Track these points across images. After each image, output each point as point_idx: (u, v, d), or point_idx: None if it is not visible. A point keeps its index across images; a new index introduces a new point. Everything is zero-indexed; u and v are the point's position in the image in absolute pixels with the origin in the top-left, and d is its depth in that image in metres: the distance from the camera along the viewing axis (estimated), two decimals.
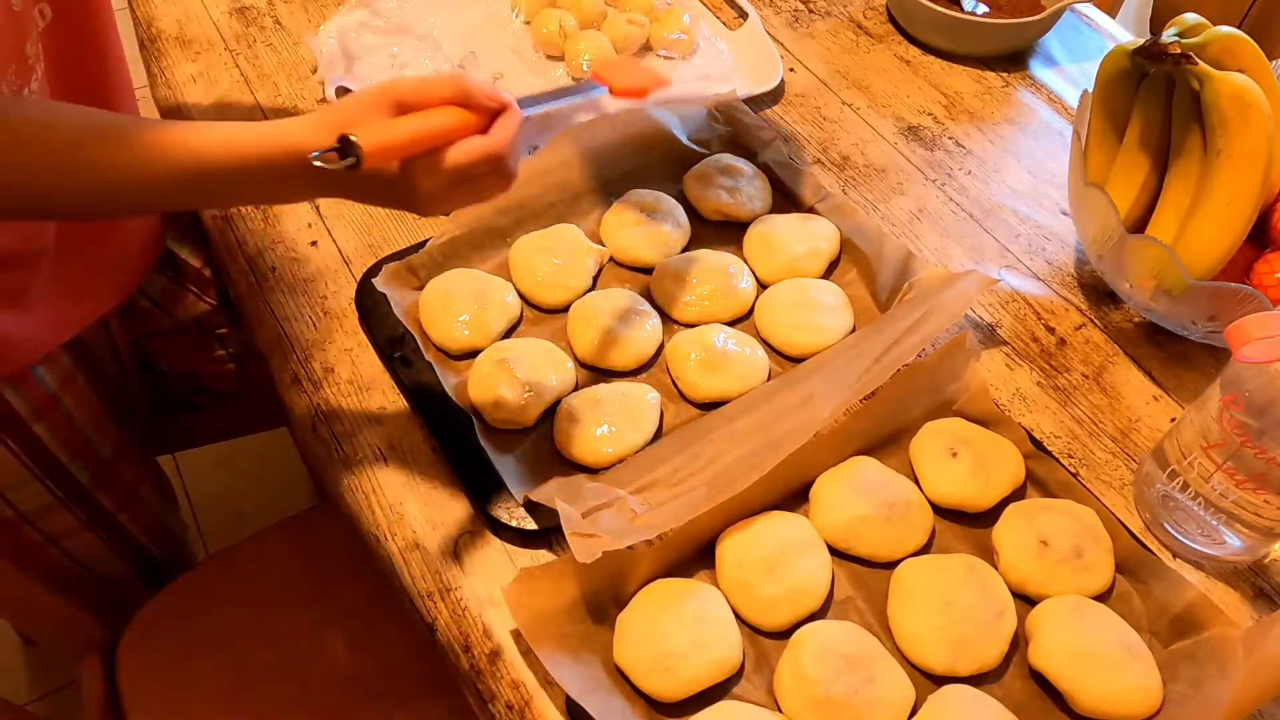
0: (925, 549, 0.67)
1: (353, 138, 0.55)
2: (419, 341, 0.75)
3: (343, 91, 0.94)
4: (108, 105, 0.80)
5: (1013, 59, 1.05)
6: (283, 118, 0.60)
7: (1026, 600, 0.65)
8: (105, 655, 0.92)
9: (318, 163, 0.55)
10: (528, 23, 1.03)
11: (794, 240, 0.82)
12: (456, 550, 0.67)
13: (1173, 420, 0.75)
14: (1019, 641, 0.63)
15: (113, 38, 0.81)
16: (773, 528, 0.66)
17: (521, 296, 0.79)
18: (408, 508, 0.68)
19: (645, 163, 0.88)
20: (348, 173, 0.56)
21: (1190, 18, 0.76)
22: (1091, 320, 0.82)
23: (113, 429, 0.92)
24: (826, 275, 0.82)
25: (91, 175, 0.57)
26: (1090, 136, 0.81)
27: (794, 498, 0.69)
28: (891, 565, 0.66)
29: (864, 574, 0.66)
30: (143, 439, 1.01)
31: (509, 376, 0.71)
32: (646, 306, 0.78)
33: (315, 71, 0.95)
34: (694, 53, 1.02)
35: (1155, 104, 0.76)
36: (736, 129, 0.91)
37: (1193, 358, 0.80)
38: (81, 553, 0.94)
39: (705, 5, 1.08)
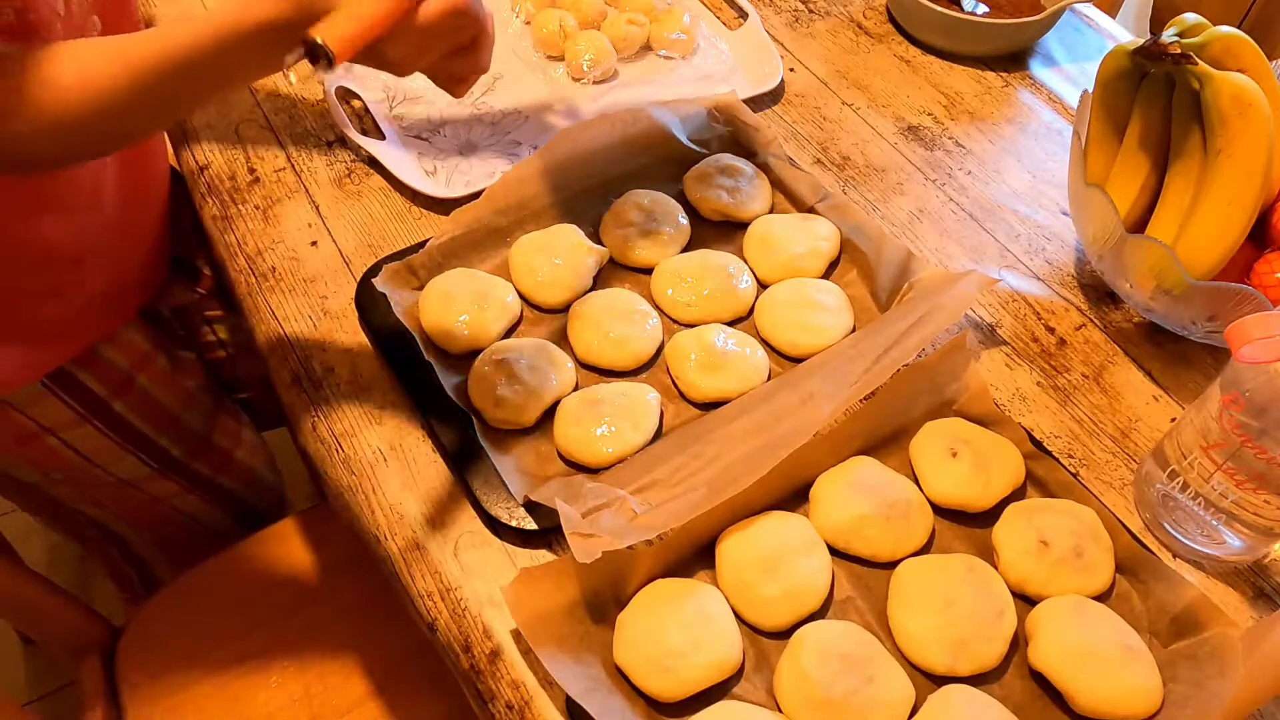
0: (925, 549, 0.67)
1: (318, 40, 0.54)
2: (419, 341, 0.75)
3: (343, 92, 0.94)
4: None
5: (1013, 59, 1.05)
6: (285, 114, 0.61)
7: (1026, 600, 0.65)
8: (105, 655, 0.92)
9: (291, 74, 0.55)
10: (528, 23, 1.03)
11: (794, 240, 0.82)
12: (456, 550, 0.67)
13: (1173, 420, 0.75)
14: (1019, 641, 0.63)
15: None
16: (773, 528, 0.66)
17: (521, 296, 0.79)
18: (408, 508, 0.68)
19: (645, 163, 0.88)
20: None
21: (1190, 18, 0.76)
22: (1091, 320, 0.83)
23: (203, 400, 0.98)
24: (826, 275, 0.82)
25: (78, 88, 0.58)
26: (1090, 136, 0.81)
27: (794, 498, 0.69)
28: (891, 565, 0.66)
29: (864, 574, 0.66)
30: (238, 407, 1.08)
31: (509, 376, 0.71)
32: (646, 306, 0.78)
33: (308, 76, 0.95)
34: (694, 53, 1.02)
35: (1155, 104, 0.76)
36: (736, 129, 0.91)
37: (1193, 358, 0.80)
38: (185, 508, 1.01)
39: (705, 5, 1.08)
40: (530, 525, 0.66)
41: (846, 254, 0.83)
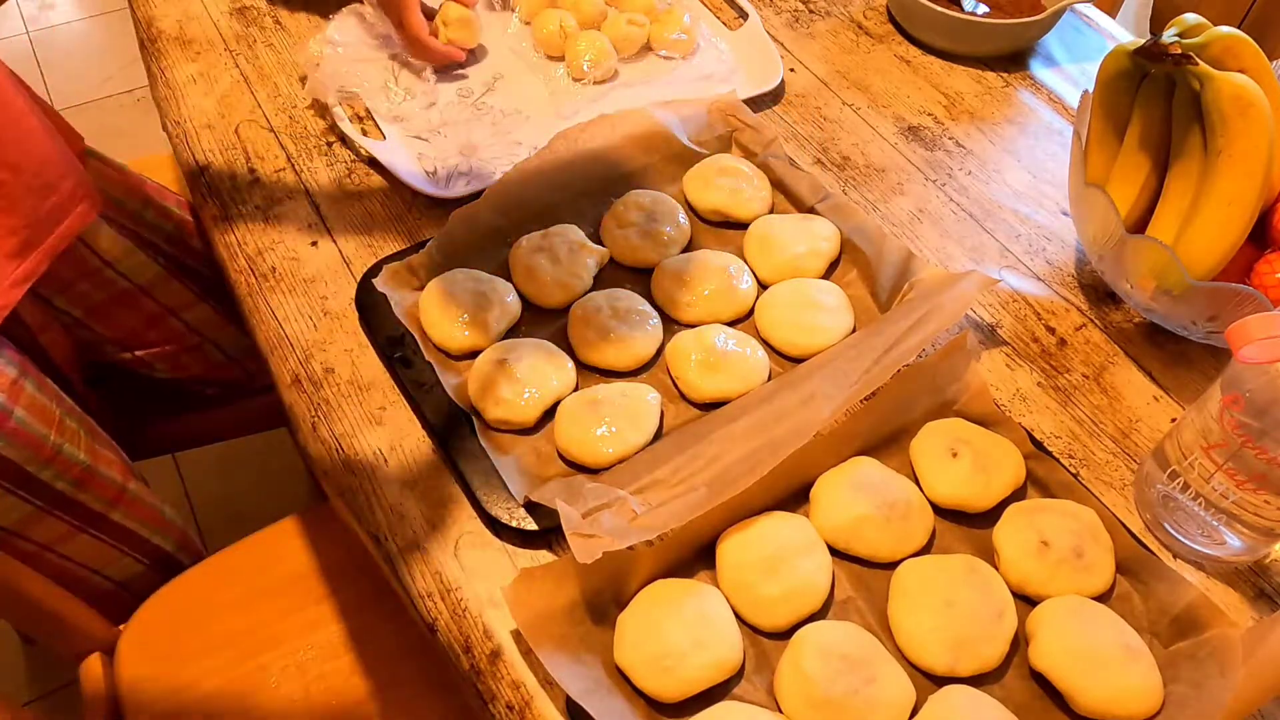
0: (925, 549, 0.67)
1: None
2: (419, 341, 0.75)
3: (345, 94, 0.94)
4: None
5: (1013, 59, 1.05)
6: (285, 115, 0.59)
7: (1027, 600, 0.65)
8: (105, 655, 0.92)
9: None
10: (527, 23, 1.03)
11: (794, 240, 0.81)
12: (456, 550, 0.67)
13: (1173, 421, 0.75)
14: (1019, 642, 0.63)
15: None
16: (773, 528, 0.66)
17: (521, 296, 0.79)
18: (408, 508, 0.68)
19: (645, 163, 0.88)
20: None
21: (1190, 18, 0.76)
22: (1092, 320, 0.82)
23: (77, 430, 0.89)
24: (827, 275, 0.82)
25: None
26: (1090, 136, 0.81)
27: (794, 498, 0.69)
28: (892, 565, 0.66)
29: (864, 574, 0.66)
30: (120, 438, 0.99)
31: (509, 376, 0.71)
32: (646, 306, 0.78)
33: (304, 83, 0.95)
34: (694, 53, 1.02)
35: (1155, 104, 0.76)
36: (736, 129, 0.91)
37: (1193, 358, 0.80)
38: (80, 556, 0.93)
39: (705, 5, 1.08)
40: (530, 525, 0.66)
41: (847, 254, 0.83)
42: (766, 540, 0.65)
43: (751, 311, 0.79)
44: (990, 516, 0.69)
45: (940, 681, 0.61)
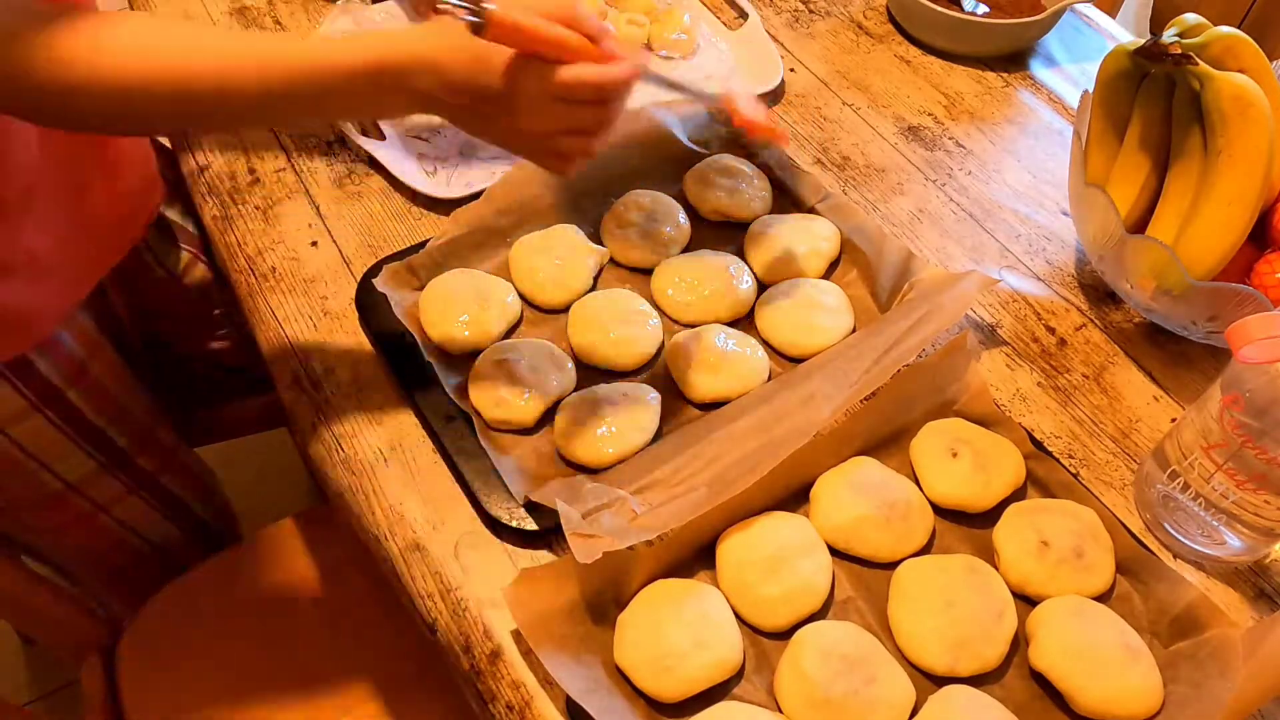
0: (925, 549, 0.67)
1: (486, 4, 0.54)
2: (419, 341, 0.75)
3: None
4: None
5: (1013, 59, 1.05)
6: None
7: (1027, 601, 0.65)
8: (105, 655, 0.92)
9: (442, 6, 0.54)
10: None
11: (794, 240, 0.81)
12: (456, 550, 0.66)
13: (1173, 421, 0.75)
14: (1019, 642, 0.63)
15: None
16: (773, 528, 0.66)
17: (521, 296, 0.79)
18: (408, 508, 0.68)
19: (645, 163, 0.88)
20: (455, 77, 0.55)
21: (1190, 18, 0.76)
22: (1092, 320, 0.82)
23: (143, 396, 0.94)
24: (827, 275, 0.82)
25: (206, 75, 0.57)
26: (1090, 136, 0.81)
27: (794, 498, 0.69)
28: (892, 565, 0.66)
29: (864, 574, 0.66)
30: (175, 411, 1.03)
31: (509, 376, 0.71)
32: (646, 306, 0.78)
33: None
34: (694, 53, 1.02)
35: (1155, 104, 0.76)
36: (736, 129, 0.91)
37: (1193, 358, 0.80)
38: (129, 518, 0.96)
39: (705, 5, 1.08)
40: (530, 525, 0.66)
41: (847, 254, 0.83)
42: (766, 540, 0.65)
43: (751, 311, 0.79)
44: (990, 516, 0.69)
45: (940, 681, 0.61)
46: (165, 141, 1.02)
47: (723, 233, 0.85)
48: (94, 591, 1.05)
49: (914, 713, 0.60)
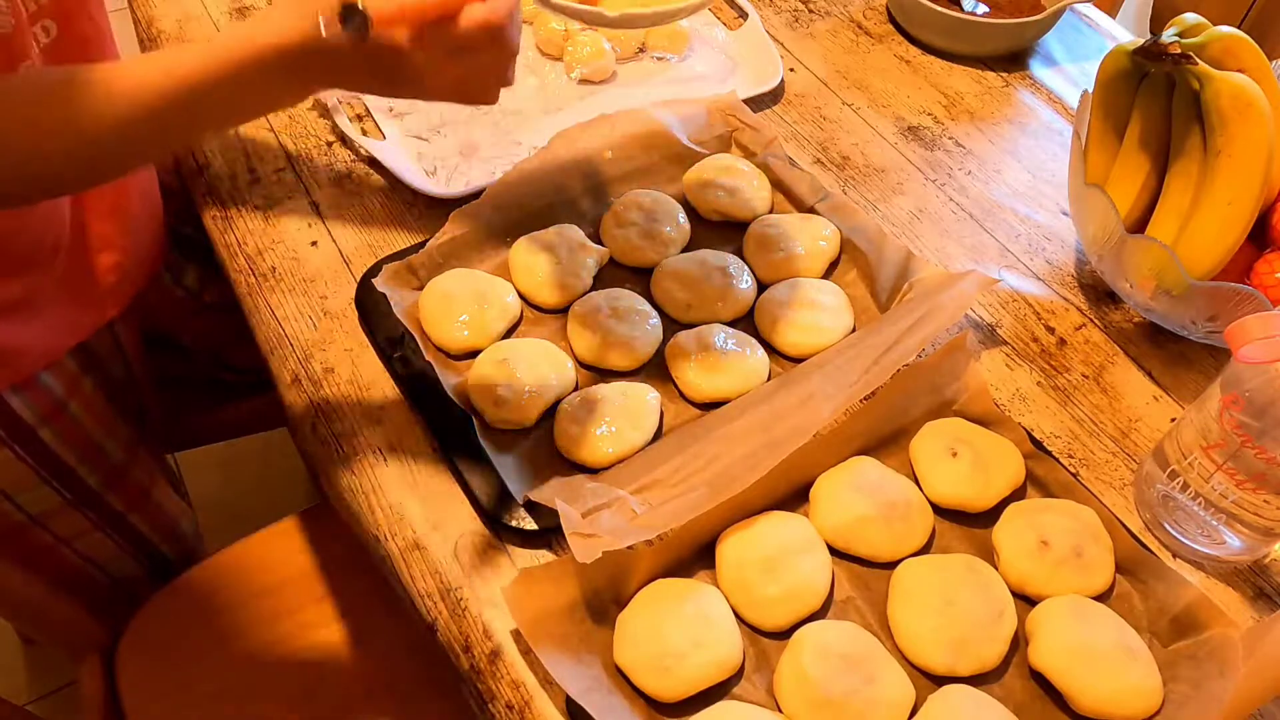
0: (925, 549, 0.67)
1: (358, 4, 0.51)
2: (419, 341, 0.75)
3: (345, 93, 0.94)
4: None
5: (1013, 59, 1.05)
6: (284, 115, 0.59)
7: (1026, 600, 0.65)
8: (105, 655, 0.92)
9: (324, 32, 0.52)
10: (528, 23, 1.03)
11: (794, 240, 0.82)
12: (456, 550, 0.67)
13: (1173, 420, 0.75)
14: (1019, 641, 0.63)
15: (110, 52, 0.81)
16: (773, 528, 0.66)
17: (521, 296, 0.79)
18: (408, 508, 0.68)
19: (645, 163, 0.88)
20: (349, 49, 0.53)
21: (1190, 18, 0.76)
22: (1091, 320, 0.82)
23: (123, 431, 0.91)
24: (826, 275, 0.82)
25: (68, 126, 0.56)
26: (1090, 136, 0.81)
27: (794, 498, 0.69)
28: (891, 565, 0.66)
29: (864, 574, 0.66)
30: (158, 440, 1.01)
31: (509, 376, 0.71)
32: (646, 306, 0.78)
33: None
34: (693, 53, 1.02)
35: (1155, 104, 0.76)
36: (736, 129, 0.91)
37: (1193, 358, 0.80)
38: (91, 552, 0.94)
39: None
40: (530, 525, 0.66)
41: (846, 254, 0.83)
42: (766, 540, 0.65)
43: (751, 311, 0.79)
44: (990, 516, 0.69)
45: (940, 681, 0.61)
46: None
47: (723, 233, 0.85)
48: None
49: (914, 712, 0.60)
